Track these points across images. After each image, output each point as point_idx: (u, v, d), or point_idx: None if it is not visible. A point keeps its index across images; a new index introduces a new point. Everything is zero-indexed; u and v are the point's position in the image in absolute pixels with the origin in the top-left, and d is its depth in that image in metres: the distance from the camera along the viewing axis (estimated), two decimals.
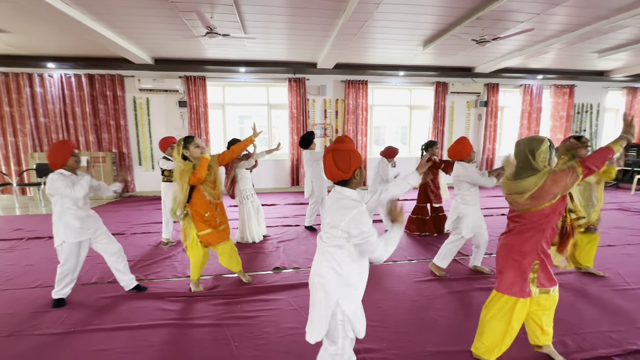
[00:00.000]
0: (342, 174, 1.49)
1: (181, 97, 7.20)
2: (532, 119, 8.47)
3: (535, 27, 4.60)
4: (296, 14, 4.43)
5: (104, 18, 4.46)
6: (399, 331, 2.28)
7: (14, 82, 6.61)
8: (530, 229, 1.75)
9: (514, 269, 1.80)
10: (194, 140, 2.63)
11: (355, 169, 1.50)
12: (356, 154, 1.51)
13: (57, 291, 2.59)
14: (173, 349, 2.07)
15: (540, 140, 1.72)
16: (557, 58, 7.00)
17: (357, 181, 1.54)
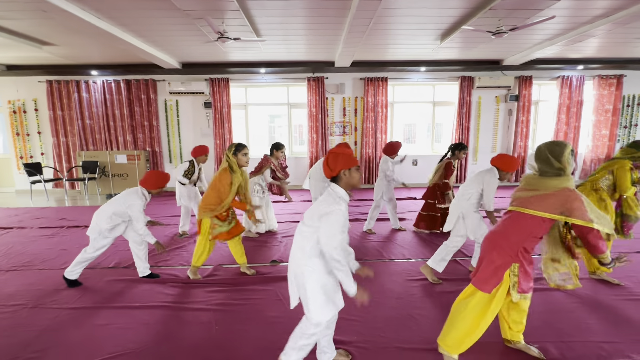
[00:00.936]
0: (330, 171, 1.70)
1: (207, 99, 7.63)
2: (572, 113, 7.80)
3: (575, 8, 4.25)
4: (304, 15, 4.52)
5: (132, 28, 4.89)
6: (374, 327, 2.31)
7: (65, 89, 7.45)
8: (516, 231, 1.74)
9: (491, 265, 1.77)
10: (244, 149, 2.89)
11: (342, 169, 1.67)
12: (345, 157, 1.69)
13: (71, 271, 2.90)
14: (162, 328, 2.29)
15: (562, 145, 1.75)
16: (601, 45, 6.37)
17: (346, 179, 1.69)
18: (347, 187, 1.72)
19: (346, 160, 1.68)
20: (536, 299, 2.62)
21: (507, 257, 1.74)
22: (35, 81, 7.39)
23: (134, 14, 4.32)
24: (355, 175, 1.71)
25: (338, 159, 1.68)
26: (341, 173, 1.68)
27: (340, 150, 1.74)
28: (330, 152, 1.74)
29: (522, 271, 1.74)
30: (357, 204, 6.22)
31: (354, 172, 1.70)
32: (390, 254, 3.64)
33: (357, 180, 1.73)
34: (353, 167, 1.69)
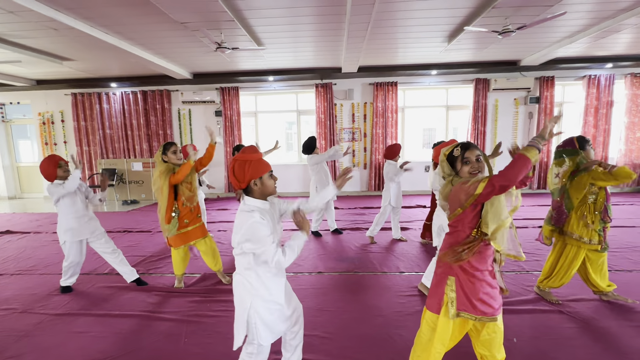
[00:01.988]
0: (238, 183, 1.53)
1: (217, 107, 7.81)
2: (601, 115, 7.21)
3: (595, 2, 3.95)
4: (301, 22, 4.51)
5: (139, 42, 5.11)
6: (345, 345, 2.18)
7: (88, 101, 7.91)
8: (452, 233, 1.58)
9: (435, 278, 1.62)
10: (172, 147, 2.88)
11: (252, 178, 1.52)
12: (254, 164, 1.52)
13: (64, 280, 3.02)
14: (132, 338, 2.29)
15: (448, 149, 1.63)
16: (633, 41, 5.85)
17: (258, 190, 1.55)
18: (262, 197, 1.56)
19: (255, 167, 1.50)
20: (530, 322, 2.38)
21: (442, 268, 1.56)
22: (62, 94, 7.91)
23: (138, 28, 4.50)
24: (268, 183, 1.54)
25: (245, 167, 1.49)
26: (251, 184, 1.52)
27: (246, 156, 1.52)
28: (234, 159, 1.53)
29: (459, 286, 1.50)
30: (361, 212, 6.06)
31: (266, 180, 1.53)
32: (383, 267, 3.47)
33: (272, 188, 1.57)
34: (265, 175, 1.53)
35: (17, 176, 8.66)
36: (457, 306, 1.50)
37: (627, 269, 3.23)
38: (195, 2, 3.60)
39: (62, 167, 2.83)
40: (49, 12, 3.75)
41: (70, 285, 3.04)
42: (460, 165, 1.57)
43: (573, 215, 2.50)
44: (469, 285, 1.50)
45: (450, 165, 1.63)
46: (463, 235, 1.51)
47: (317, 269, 3.46)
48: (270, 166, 1.57)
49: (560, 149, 2.55)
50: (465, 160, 1.51)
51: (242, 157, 1.54)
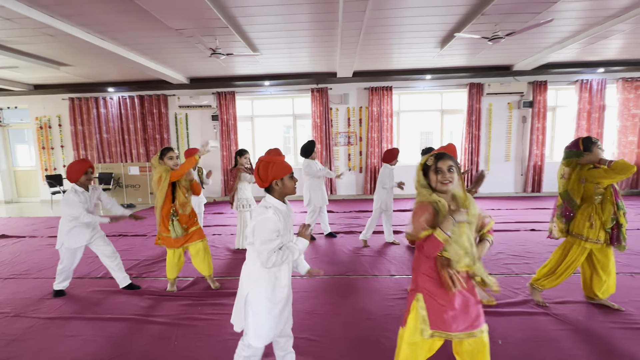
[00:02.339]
0: (261, 182, 1.64)
1: (214, 112, 7.87)
2: (593, 119, 7.29)
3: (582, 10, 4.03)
4: (295, 29, 4.57)
5: (135, 48, 5.16)
6: (332, 348, 2.20)
7: (85, 105, 7.96)
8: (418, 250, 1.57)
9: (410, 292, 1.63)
10: (169, 152, 2.92)
11: (274, 179, 1.61)
12: (277, 166, 1.62)
13: (57, 283, 3.06)
14: (122, 342, 2.31)
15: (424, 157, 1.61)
16: (623, 47, 5.94)
17: (279, 190, 1.64)
18: (281, 196, 1.66)
19: (278, 169, 1.61)
20: (516, 324, 2.42)
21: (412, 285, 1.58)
22: (60, 99, 7.96)
23: (134, 34, 4.56)
24: (288, 184, 1.64)
25: (269, 168, 1.61)
26: (273, 184, 1.62)
27: (270, 158, 1.65)
28: (260, 160, 1.65)
29: (429, 304, 1.49)
30: (356, 215, 6.10)
31: (287, 181, 1.63)
32: (375, 270, 3.51)
33: (292, 189, 1.66)
34: (286, 176, 1.63)
35: (14, 180, 8.67)
36: (430, 324, 1.48)
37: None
38: (189, 9, 3.66)
39: (89, 174, 2.89)
40: (45, 19, 3.80)
41: (63, 289, 3.06)
42: (432, 175, 1.55)
43: (578, 215, 2.52)
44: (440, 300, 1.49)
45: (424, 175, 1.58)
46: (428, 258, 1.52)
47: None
48: (291, 168, 1.67)
49: (567, 150, 2.56)
50: (437, 170, 1.50)
51: (267, 158, 1.65)
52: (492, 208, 6.44)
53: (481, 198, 7.53)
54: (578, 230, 2.53)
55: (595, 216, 2.45)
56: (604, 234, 2.45)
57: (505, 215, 5.78)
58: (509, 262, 3.64)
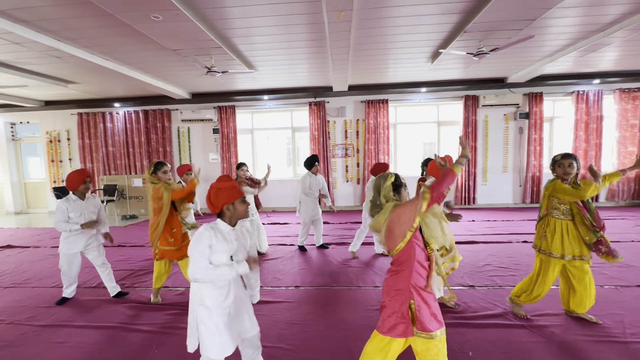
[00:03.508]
0: (212, 207, 1.73)
1: (215, 125, 8.11)
2: (591, 129, 7.27)
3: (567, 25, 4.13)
4: (288, 47, 4.77)
5: (137, 66, 5.43)
6: (305, 357, 2.27)
7: (92, 120, 8.30)
8: (401, 267, 1.66)
9: (389, 307, 1.71)
10: (163, 166, 3.05)
11: (225, 204, 1.71)
12: (227, 191, 1.71)
13: (64, 289, 3.24)
14: (107, 348, 2.43)
15: (386, 177, 1.71)
16: (617, 58, 5.99)
17: (230, 215, 1.73)
18: (232, 220, 1.74)
19: (229, 194, 1.70)
20: (490, 336, 2.45)
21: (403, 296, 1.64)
22: (69, 114, 8.32)
23: (135, 54, 4.82)
24: (239, 208, 1.72)
25: (219, 194, 1.69)
26: (224, 208, 1.71)
27: (221, 184, 1.72)
28: (211, 186, 1.74)
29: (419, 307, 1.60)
30: (351, 227, 6.16)
31: (238, 206, 1.72)
32: (359, 281, 3.56)
33: (243, 213, 1.74)
34: (237, 201, 1.71)
35: (24, 192, 9.01)
36: (418, 326, 1.59)
37: (600, 284, 3.26)
38: (183, 32, 3.88)
39: (87, 184, 3.04)
40: (51, 43, 4.07)
41: (67, 297, 3.22)
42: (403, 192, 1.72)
43: (538, 228, 2.59)
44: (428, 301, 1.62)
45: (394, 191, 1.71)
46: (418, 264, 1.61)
47: (295, 283, 3.56)
48: (242, 193, 1.75)
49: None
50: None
51: (218, 185, 1.74)
52: (488, 219, 6.43)
53: (480, 209, 7.52)
54: (536, 242, 2.60)
55: (547, 229, 2.50)
56: (560, 248, 2.47)
57: (499, 227, 5.77)
58: (494, 274, 3.65)
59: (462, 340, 2.42)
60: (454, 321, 2.65)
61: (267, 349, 2.37)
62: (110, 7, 3.24)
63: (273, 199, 7.97)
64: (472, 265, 3.93)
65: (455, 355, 2.25)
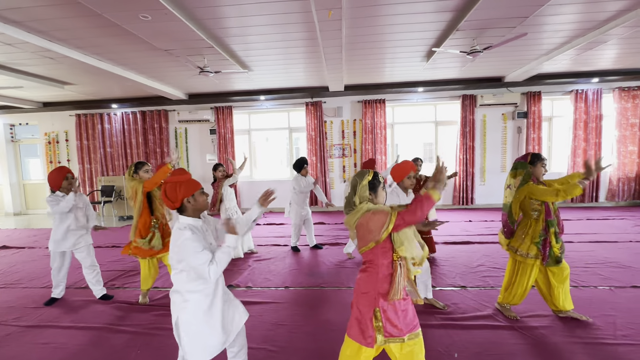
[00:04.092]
0: (171, 203, 1.67)
1: (212, 126, 8.11)
2: (590, 129, 7.19)
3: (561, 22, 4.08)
4: (282, 47, 4.75)
5: (132, 67, 5.44)
6: (289, 359, 2.24)
7: (90, 121, 8.33)
8: (368, 265, 1.62)
9: (355, 311, 1.67)
10: (144, 166, 3.05)
11: (184, 197, 1.65)
12: (186, 184, 1.66)
13: (53, 291, 3.23)
14: (90, 350, 2.41)
15: (363, 174, 1.65)
16: (615, 56, 5.91)
17: (192, 207, 1.68)
18: (195, 213, 1.69)
19: (187, 187, 1.64)
20: (477, 338, 2.41)
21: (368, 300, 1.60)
22: (67, 115, 8.36)
23: (129, 55, 4.82)
24: (200, 200, 1.67)
25: (176, 188, 1.63)
26: (185, 202, 1.66)
27: (177, 178, 1.66)
28: (166, 182, 1.66)
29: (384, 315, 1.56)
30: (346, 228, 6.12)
31: (198, 197, 1.66)
32: (350, 282, 3.53)
33: (204, 204, 1.69)
34: (197, 192, 1.66)
35: (23, 193, 9.06)
36: (384, 333, 1.55)
37: (594, 285, 3.21)
38: (174, 31, 3.88)
39: (69, 179, 3.00)
40: (43, 43, 4.08)
41: (55, 297, 3.21)
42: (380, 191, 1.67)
43: (517, 230, 2.56)
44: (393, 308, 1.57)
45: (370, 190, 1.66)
46: (382, 268, 1.56)
47: (285, 284, 3.53)
48: (200, 184, 1.71)
49: (515, 161, 2.59)
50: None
51: (173, 179, 1.67)
52: (485, 220, 6.37)
53: (478, 210, 7.47)
54: (514, 244, 2.57)
55: (527, 230, 2.47)
56: (535, 249, 2.45)
57: (496, 227, 5.71)
58: (487, 274, 3.61)
59: (449, 341, 2.38)
60: (441, 322, 2.61)
61: (251, 350, 2.35)
62: (99, 7, 3.24)
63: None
64: (466, 265, 3.89)
65: (441, 357, 2.21)
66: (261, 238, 5.44)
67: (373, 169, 4.17)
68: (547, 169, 2.50)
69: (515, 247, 2.55)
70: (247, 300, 3.14)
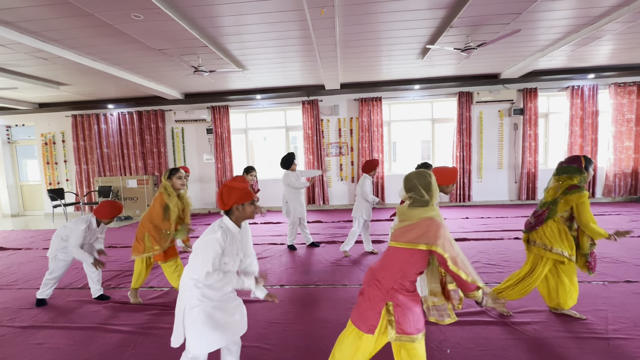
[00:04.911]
0: (222, 205, 1.74)
1: (209, 125, 8.10)
2: (587, 125, 7.20)
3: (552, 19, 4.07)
4: (275, 45, 4.75)
5: (126, 67, 5.43)
6: (280, 357, 2.25)
7: (87, 122, 8.31)
8: (392, 266, 1.62)
9: (366, 299, 1.68)
10: (178, 172, 3.02)
11: (235, 203, 1.72)
12: (240, 192, 1.72)
13: (41, 292, 3.19)
14: (83, 350, 2.41)
15: (431, 175, 1.66)
16: (611, 52, 5.92)
17: (238, 215, 1.75)
18: (239, 220, 1.76)
19: (240, 194, 1.71)
20: (470, 334, 2.41)
21: (381, 294, 1.61)
22: (63, 116, 8.35)
23: (122, 55, 4.81)
24: (248, 210, 1.75)
25: (232, 193, 1.71)
26: (234, 207, 1.73)
27: (235, 184, 1.75)
28: (224, 185, 1.76)
29: (398, 310, 1.57)
30: (343, 225, 6.13)
31: (247, 207, 1.74)
32: (345, 280, 3.54)
33: (250, 214, 1.77)
34: (247, 202, 1.73)
35: (21, 194, 9.05)
36: (397, 328, 1.55)
37: (587, 280, 3.22)
38: (167, 31, 3.87)
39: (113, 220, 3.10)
40: (36, 44, 4.07)
41: (45, 298, 3.20)
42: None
43: (547, 227, 2.47)
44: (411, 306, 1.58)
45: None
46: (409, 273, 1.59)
47: (280, 282, 3.54)
48: (253, 196, 1.78)
49: (565, 165, 2.47)
50: None
51: (231, 184, 1.76)
52: (482, 216, 6.38)
53: (475, 207, 7.48)
54: (539, 238, 2.50)
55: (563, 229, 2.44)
56: (569, 250, 2.41)
57: (492, 224, 5.73)
58: (482, 270, 3.61)
59: (441, 337, 2.39)
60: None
61: (244, 348, 2.35)
62: (90, 7, 3.23)
63: (269, 198, 7.95)
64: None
65: (433, 353, 2.22)
66: (258, 237, 5.44)
67: (374, 169, 4.20)
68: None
69: (548, 245, 2.45)
70: (242, 299, 3.14)
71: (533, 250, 2.56)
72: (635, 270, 3.43)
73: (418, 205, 1.64)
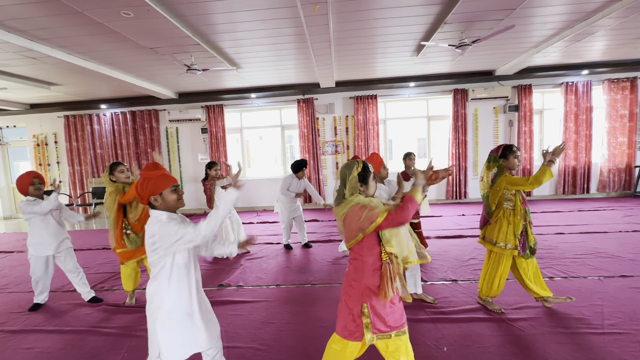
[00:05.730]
0: (140, 199, 1.60)
1: (203, 125, 8.03)
2: (581, 121, 7.23)
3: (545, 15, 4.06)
4: (268, 43, 4.69)
5: (118, 66, 5.35)
6: (275, 357, 2.22)
7: (79, 122, 8.21)
8: (355, 263, 1.60)
9: (343, 306, 1.65)
10: (118, 166, 2.95)
11: (151, 194, 1.56)
12: (154, 181, 1.56)
13: (36, 297, 3.16)
14: (74, 353, 2.37)
15: (352, 166, 1.61)
16: (604, 48, 5.93)
17: (160, 206, 1.59)
18: (167, 210, 1.60)
19: (155, 184, 1.54)
20: (465, 331, 2.40)
21: (356, 295, 1.58)
22: (55, 117, 8.23)
23: (113, 54, 4.74)
24: (168, 198, 1.56)
25: (144, 184, 1.55)
26: (152, 199, 1.56)
27: (147, 173, 1.57)
28: (141, 177, 1.59)
29: (373, 311, 1.54)
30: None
31: (167, 195, 1.56)
32: (341, 278, 3.48)
33: (174, 202, 1.59)
34: (166, 190, 1.56)
35: (13, 197, 8.93)
36: (373, 329, 1.53)
37: (583, 275, 3.22)
38: (158, 29, 3.81)
39: (35, 184, 2.91)
40: (24, 43, 3.99)
41: (40, 302, 3.15)
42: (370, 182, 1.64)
43: (492, 221, 2.56)
44: (381, 303, 1.55)
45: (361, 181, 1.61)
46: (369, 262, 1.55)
47: (276, 282, 3.51)
48: (173, 181, 1.59)
49: (490, 154, 2.60)
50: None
51: (144, 174, 1.59)
52: (478, 213, 6.39)
53: (472, 204, 7.49)
54: (489, 235, 2.59)
55: (505, 221, 2.48)
56: (513, 239, 2.47)
57: None
58: (479, 267, 3.60)
59: (438, 335, 2.37)
60: (431, 317, 2.61)
61: (238, 349, 2.33)
62: (78, 5, 3.17)
63: (266, 197, 7.91)
64: (457, 259, 3.89)
65: (430, 351, 2.20)
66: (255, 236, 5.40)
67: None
68: (520, 160, 2.52)
69: (493, 239, 2.55)
70: (237, 299, 3.12)
71: (487, 246, 2.63)
72: (630, 264, 3.44)
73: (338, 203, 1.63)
